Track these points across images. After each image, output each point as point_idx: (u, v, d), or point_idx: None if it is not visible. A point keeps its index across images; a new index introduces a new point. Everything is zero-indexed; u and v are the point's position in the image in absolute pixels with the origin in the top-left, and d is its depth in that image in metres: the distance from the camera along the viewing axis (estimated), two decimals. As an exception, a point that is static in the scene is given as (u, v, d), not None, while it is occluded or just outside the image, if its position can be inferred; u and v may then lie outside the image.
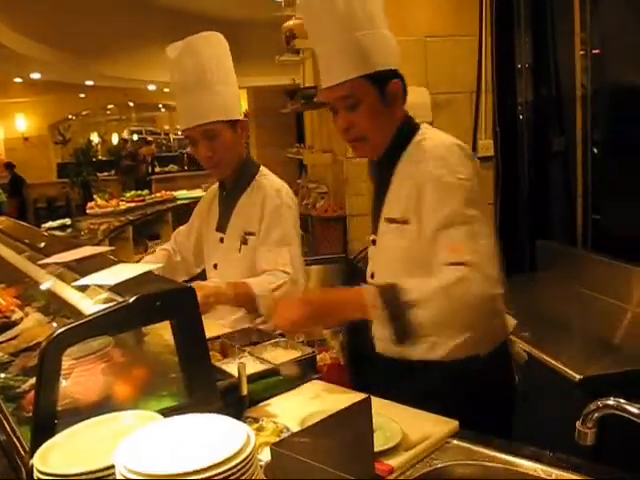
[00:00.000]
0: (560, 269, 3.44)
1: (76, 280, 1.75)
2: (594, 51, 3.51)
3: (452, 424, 1.49)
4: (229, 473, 0.99)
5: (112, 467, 1.08)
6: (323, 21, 1.79)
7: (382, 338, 1.85)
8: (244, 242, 2.40)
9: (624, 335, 2.73)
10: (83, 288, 1.73)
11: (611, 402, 1.00)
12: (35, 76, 11.39)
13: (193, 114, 2.32)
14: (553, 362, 2.38)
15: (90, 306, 1.59)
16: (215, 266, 2.54)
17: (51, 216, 11.39)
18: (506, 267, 1.77)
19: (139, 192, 7.59)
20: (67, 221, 5.95)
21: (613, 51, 3.54)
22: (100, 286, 1.58)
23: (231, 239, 2.46)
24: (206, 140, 2.33)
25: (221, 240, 2.51)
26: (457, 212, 1.66)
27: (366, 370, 2.01)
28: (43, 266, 1.96)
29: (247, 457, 1.02)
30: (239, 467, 1.00)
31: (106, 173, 15.03)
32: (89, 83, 12.74)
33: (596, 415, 1.02)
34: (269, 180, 2.45)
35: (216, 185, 2.63)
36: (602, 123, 3.56)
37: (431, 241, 1.71)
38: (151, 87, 11.82)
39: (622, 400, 0.99)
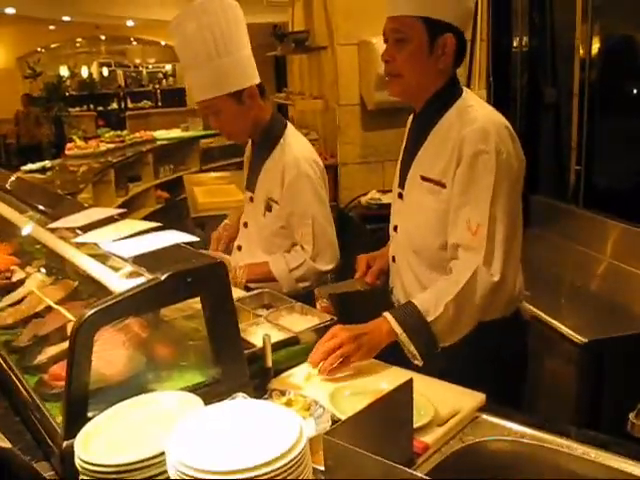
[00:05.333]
0: (553, 225, 3.44)
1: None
2: (594, 1, 3.44)
3: (479, 397, 1.50)
4: (285, 468, 0.98)
5: (160, 455, 1.06)
6: None
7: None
8: (268, 208, 2.36)
9: (612, 292, 2.77)
10: (98, 255, 1.69)
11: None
12: (10, 11, 10.81)
13: (195, 90, 2.28)
14: (557, 324, 2.40)
15: (111, 277, 1.55)
16: (245, 224, 2.52)
17: (23, 153, 11.04)
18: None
19: (118, 132, 7.40)
20: (47, 163, 5.81)
21: (613, 2, 3.49)
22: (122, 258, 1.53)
23: (258, 201, 2.42)
24: (211, 115, 2.31)
25: (251, 199, 2.48)
26: (486, 191, 1.66)
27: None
28: (51, 230, 1.89)
29: (302, 451, 1.02)
30: (295, 461, 1.00)
31: (78, 108, 14.64)
32: (66, 19, 12.14)
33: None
34: (290, 146, 2.34)
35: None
36: (599, 74, 3.52)
37: (453, 212, 1.72)
38: (130, 23, 11.36)
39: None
